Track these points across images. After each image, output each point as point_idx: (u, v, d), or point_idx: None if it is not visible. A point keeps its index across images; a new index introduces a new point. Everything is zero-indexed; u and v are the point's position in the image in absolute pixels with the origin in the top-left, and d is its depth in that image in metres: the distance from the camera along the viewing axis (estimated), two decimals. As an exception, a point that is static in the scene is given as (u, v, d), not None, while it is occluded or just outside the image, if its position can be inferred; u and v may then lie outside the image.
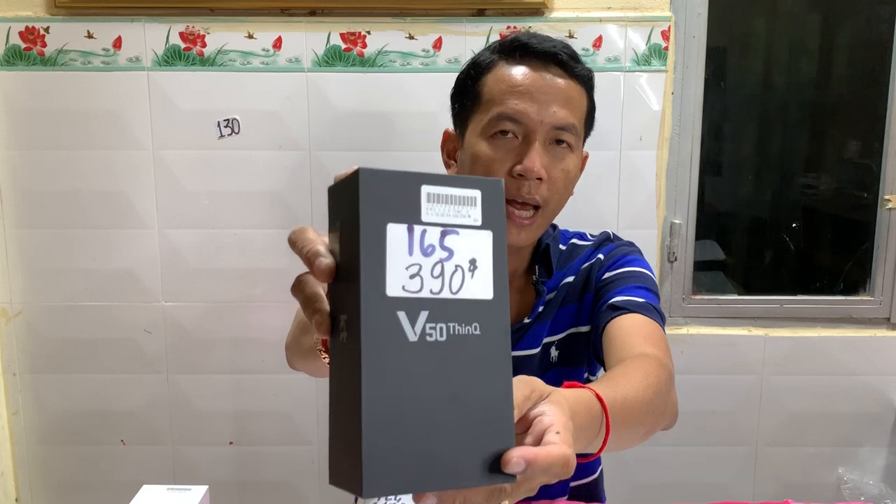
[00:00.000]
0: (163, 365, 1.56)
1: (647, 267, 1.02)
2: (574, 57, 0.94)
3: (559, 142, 0.93)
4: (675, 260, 1.57)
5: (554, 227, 1.09)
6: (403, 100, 1.47)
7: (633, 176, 1.50)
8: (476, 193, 0.45)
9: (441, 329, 0.43)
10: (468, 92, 0.97)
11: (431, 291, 0.43)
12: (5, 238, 1.51)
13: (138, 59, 1.44)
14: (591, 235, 1.09)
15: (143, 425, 1.58)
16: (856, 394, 1.59)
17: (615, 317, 0.92)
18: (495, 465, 0.43)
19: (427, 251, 0.43)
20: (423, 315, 0.43)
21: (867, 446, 1.62)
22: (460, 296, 0.44)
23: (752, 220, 1.77)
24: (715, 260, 1.68)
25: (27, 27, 1.43)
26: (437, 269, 0.44)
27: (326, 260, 0.45)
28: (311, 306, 0.47)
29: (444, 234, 0.44)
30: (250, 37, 1.44)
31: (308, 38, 1.44)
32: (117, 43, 1.44)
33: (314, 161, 1.49)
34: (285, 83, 1.46)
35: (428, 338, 0.43)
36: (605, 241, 1.06)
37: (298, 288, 0.48)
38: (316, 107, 1.47)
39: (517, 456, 0.43)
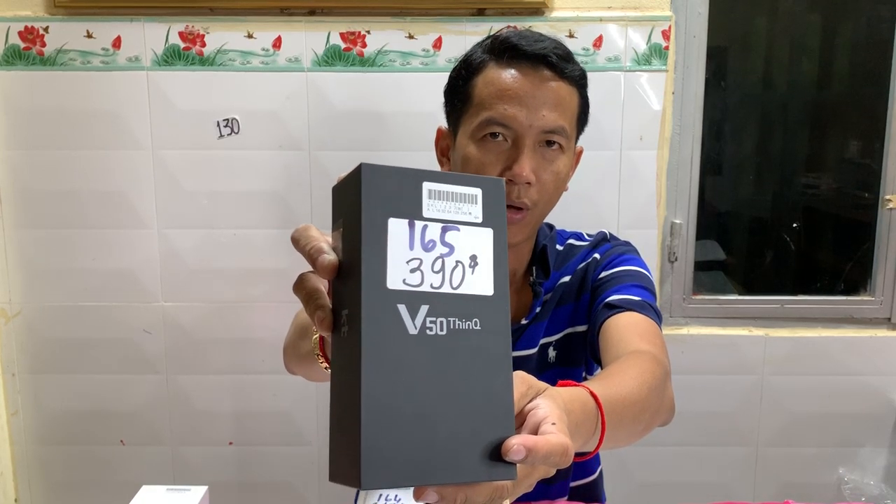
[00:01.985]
0: (163, 365, 1.56)
1: (644, 266, 1.02)
2: (565, 57, 0.93)
3: (550, 143, 0.93)
4: (676, 260, 1.57)
5: (551, 227, 1.09)
6: (403, 99, 1.46)
7: (634, 176, 1.50)
8: (477, 191, 0.46)
9: (441, 323, 0.43)
10: (459, 92, 0.97)
11: (432, 286, 0.44)
12: (5, 238, 1.51)
13: (138, 58, 1.44)
14: (588, 235, 1.09)
15: (143, 425, 1.58)
16: (856, 394, 1.59)
17: (611, 315, 0.92)
18: (495, 455, 0.43)
19: (428, 246, 0.44)
20: (424, 309, 0.43)
21: (868, 446, 1.61)
22: (461, 291, 0.44)
23: (752, 220, 1.76)
24: (715, 260, 1.68)
25: (26, 27, 1.42)
26: (438, 265, 0.44)
27: (329, 256, 0.45)
28: (314, 302, 0.47)
29: (444, 230, 0.44)
30: (250, 36, 1.44)
31: (308, 38, 1.44)
32: (117, 43, 1.44)
33: (314, 161, 1.49)
34: (285, 83, 1.46)
35: (428, 331, 0.43)
36: (602, 240, 1.07)
37: (300, 286, 0.48)
38: (316, 106, 1.47)
39: (517, 443, 0.43)
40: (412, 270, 0.43)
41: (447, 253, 0.44)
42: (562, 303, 1.03)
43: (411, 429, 0.41)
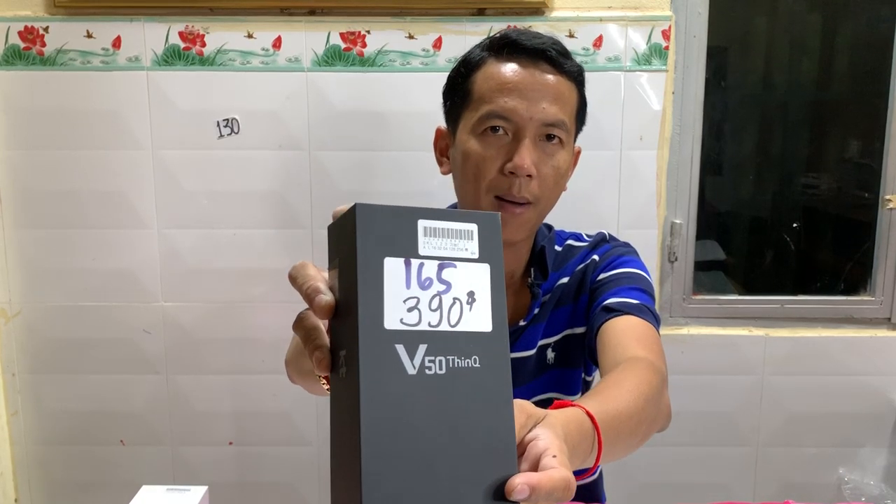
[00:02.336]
0: (163, 365, 1.55)
1: (643, 268, 1.02)
2: (563, 53, 0.94)
3: (550, 137, 0.93)
4: (676, 260, 1.56)
5: (549, 227, 1.08)
6: (403, 99, 1.46)
7: (634, 176, 1.50)
8: (473, 227, 0.45)
9: (440, 362, 0.43)
10: (459, 89, 0.97)
11: (430, 324, 0.43)
12: (5, 238, 1.50)
13: (138, 58, 1.44)
14: (588, 236, 1.08)
15: (143, 425, 1.58)
16: (856, 394, 1.59)
17: (609, 319, 0.91)
18: (499, 495, 0.43)
19: (425, 284, 0.44)
20: (422, 348, 0.43)
21: (868, 446, 1.61)
22: (459, 328, 0.44)
23: (752, 220, 1.76)
24: (715, 260, 1.68)
25: (26, 27, 1.42)
26: (435, 302, 0.44)
27: (326, 297, 0.45)
28: (312, 342, 0.47)
29: (441, 268, 0.44)
30: (250, 36, 1.44)
31: (308, 38, 1.44)
32: (116, 42, 1.44)
33: (314, 161, 1.49)
34: (285, 83, 1.46)
35: (427, 371, 0.43)
36: (601, 241, 1.06)
37: (299, 324, 0.48)
38: (316, 106, 1.46)
39: (520, 482, 0.43)
40: (409, 310, 0.43)
41: (444, 290, 0.44)
42: (560, 304, 1.03)
43: (413, 470, 0.41)
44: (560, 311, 1.03)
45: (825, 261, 1.72)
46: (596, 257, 1.03)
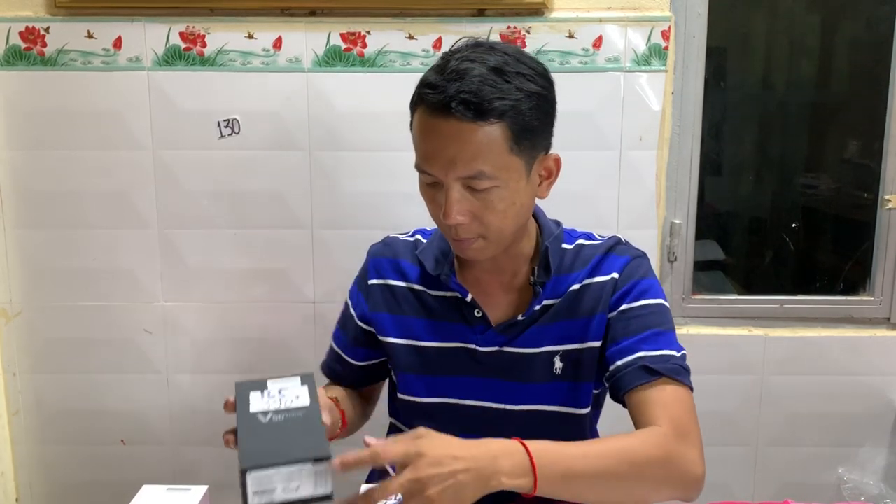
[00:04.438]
0: (163, 365, 1.56)
1: (662, 292, 1.01)
2: (476, 95, 0.85)
3: (476, 187, 0.89)
4: (675, 260, 1.57)
5: (558, 224, 1.07)
6: (403, 100, 1.45)
7: (633, 176, 1.50)
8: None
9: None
10: (411, 122, 0.98)
11: None
12: (5, 238, 1.51)
13: (138, 59, 1.45)
14: (600, 236, 1.07)
15: (143, 425, 1.58)
16: (856, 394, 1.59)
17: (645, 385, 0.93)
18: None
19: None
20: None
21: (867, 446, 1.62)
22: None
23: (752, 220, 1.77)
24: (715, 260, 1.68)
25: (27, 27, 1.43)
26: None
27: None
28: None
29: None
30: (250, 37, 1.44)
31: (308, 38, 1.44)
32: (117, 43, 1.44)
33: (314, 161, 1.49)
34: (285, 83, 1.46)
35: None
36: (616, 245, 1.04)
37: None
38: (316, 107, 1.47)
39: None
40: None
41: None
42: (573, 314, 1.01)
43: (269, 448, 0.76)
44: (573, 322, 1.01)
45: (825, 261, 1.72)
46: (616, 275, 1.00)
